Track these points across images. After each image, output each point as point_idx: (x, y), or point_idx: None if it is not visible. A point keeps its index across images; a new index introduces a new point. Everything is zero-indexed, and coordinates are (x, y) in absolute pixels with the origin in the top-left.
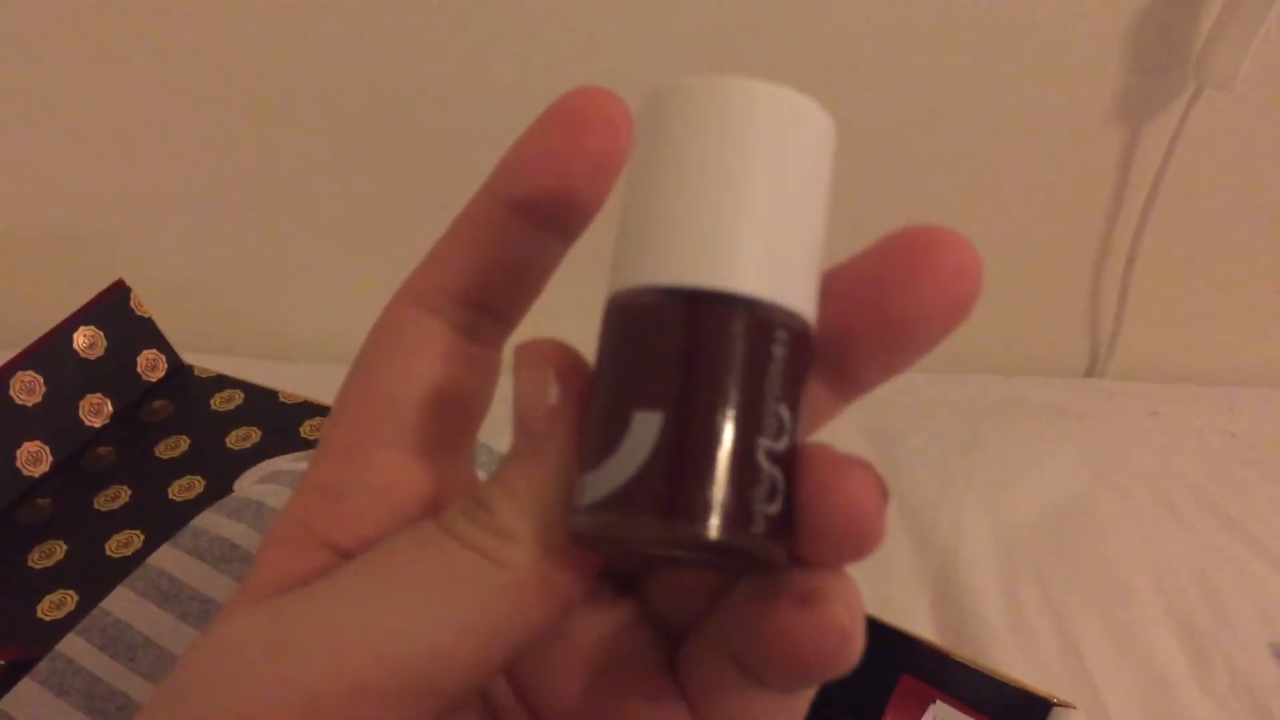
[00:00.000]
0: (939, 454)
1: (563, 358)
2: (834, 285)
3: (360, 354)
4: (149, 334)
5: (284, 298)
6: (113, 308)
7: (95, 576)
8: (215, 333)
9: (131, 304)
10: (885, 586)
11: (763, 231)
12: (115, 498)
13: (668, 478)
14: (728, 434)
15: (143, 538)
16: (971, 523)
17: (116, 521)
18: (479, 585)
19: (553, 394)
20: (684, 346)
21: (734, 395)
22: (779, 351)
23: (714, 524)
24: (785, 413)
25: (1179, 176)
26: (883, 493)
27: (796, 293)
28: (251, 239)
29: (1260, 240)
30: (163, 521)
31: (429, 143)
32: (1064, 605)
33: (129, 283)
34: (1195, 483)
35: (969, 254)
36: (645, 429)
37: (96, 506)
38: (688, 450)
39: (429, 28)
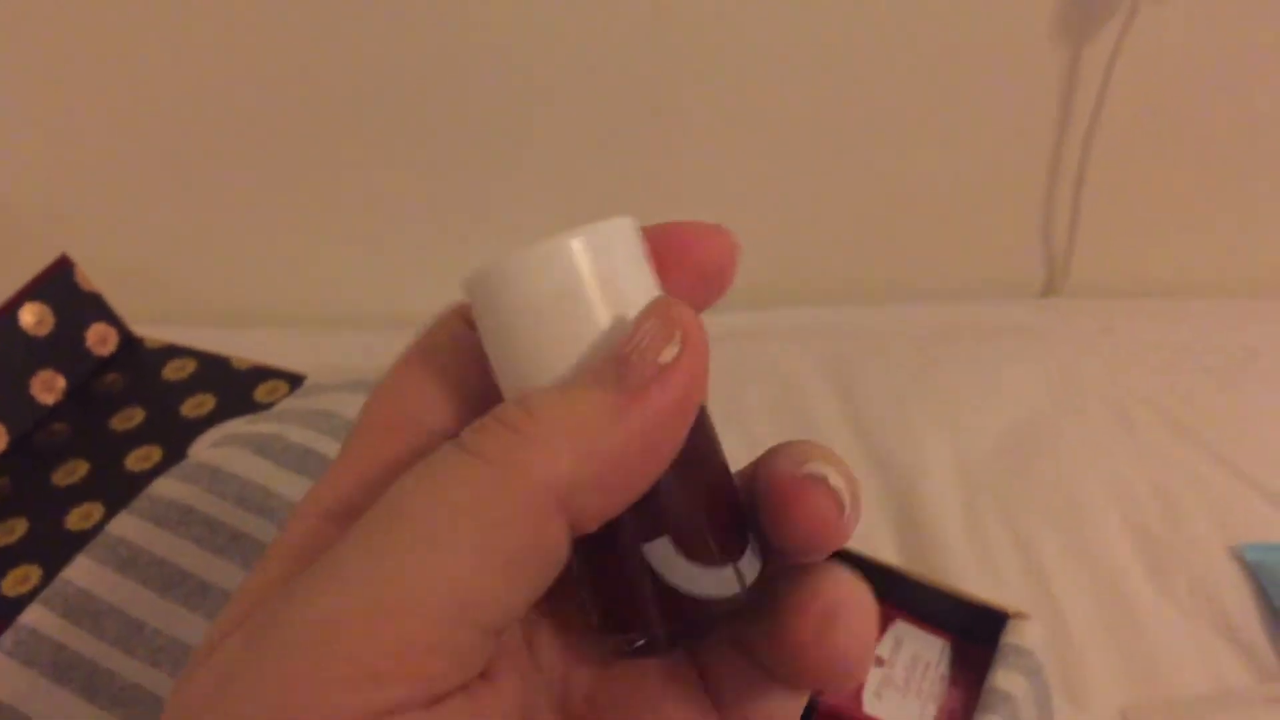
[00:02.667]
0: (898, 381)
1: (696, 332)
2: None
3: (411, 352)
4: (97, 308)
5: (229, 265)
6: (58, 283)
7: (57, 550)
8: (161, 304)
9: (77, 279)
10: None
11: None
12: (73, 472)
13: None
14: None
15: (103, 509)
16: (931, 446)
17: (76, 495)
18: (494, 504)
19: (670, 353)
20: None
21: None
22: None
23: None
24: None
25: (1122, 92)
26: (840, 505)
27: None
28: (192, 210)
29: (1203, 151)
30: (122, 492)
31: (368, 115)
32: (1023, 522)
33: (71, 258)
34: (1149, 394)
35: (729, 245)
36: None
37: (55, 482)
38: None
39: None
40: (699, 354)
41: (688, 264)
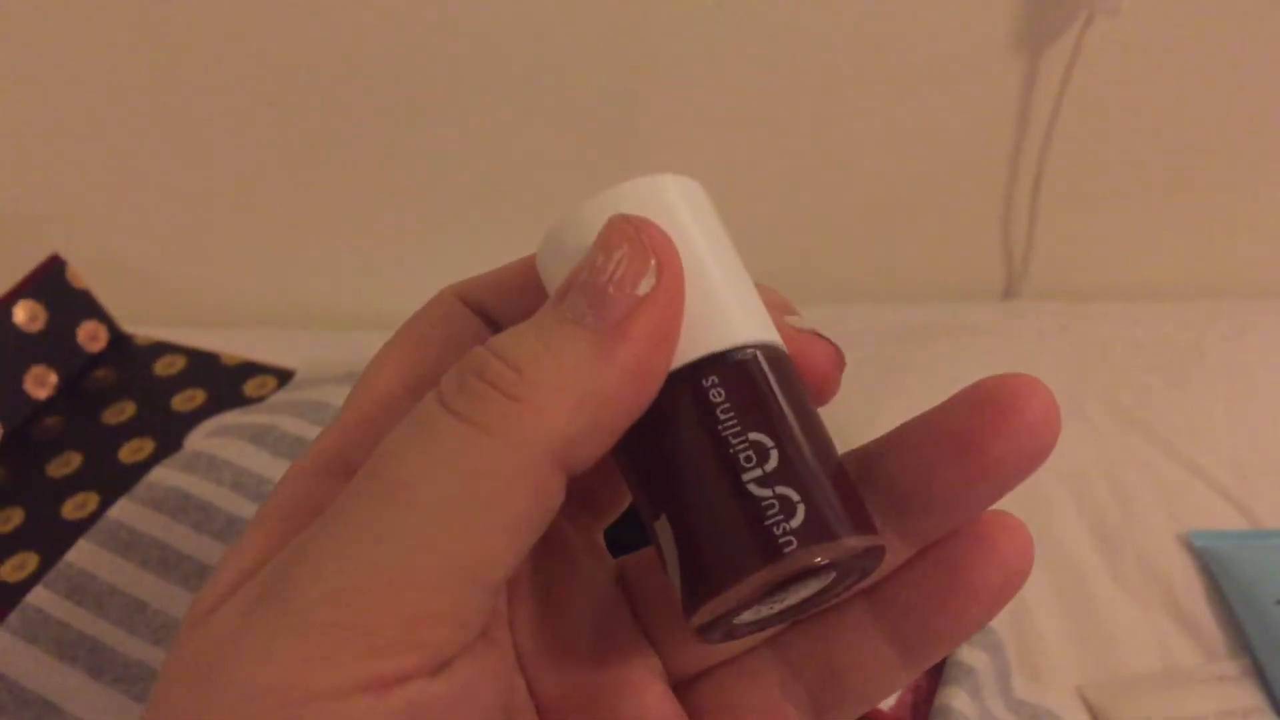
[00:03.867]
0: (868, 377)
1: (668, 255)
2: (920, 433)
3: (404, 326)
4: (88, 306)
5: (218, 266)
6: (50, 281)
7: (54, 538)
8: (150, 304)
9: (68, 277)
10: None
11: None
12: (67, 463)
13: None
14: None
15: (98, 499)
16: None
17: (70, 485)
18: (495, 473)
19: (647, 284)
20: (646, 446)
21: (699, 461)
22: (716, 396)
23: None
24: (760, 437)
25: (1077, 101)
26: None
27: (712, 334)
28: (181, 211)
29: (1155, 160)
30: (115, 482)
31: (356, 117)
32: None
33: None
34: (1104, 390)
35: (1050, 401)
36: (665, 533)
37: (49, 473)
38: (697, 536)
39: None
40: (677, 281)
41: (1012, 433)
